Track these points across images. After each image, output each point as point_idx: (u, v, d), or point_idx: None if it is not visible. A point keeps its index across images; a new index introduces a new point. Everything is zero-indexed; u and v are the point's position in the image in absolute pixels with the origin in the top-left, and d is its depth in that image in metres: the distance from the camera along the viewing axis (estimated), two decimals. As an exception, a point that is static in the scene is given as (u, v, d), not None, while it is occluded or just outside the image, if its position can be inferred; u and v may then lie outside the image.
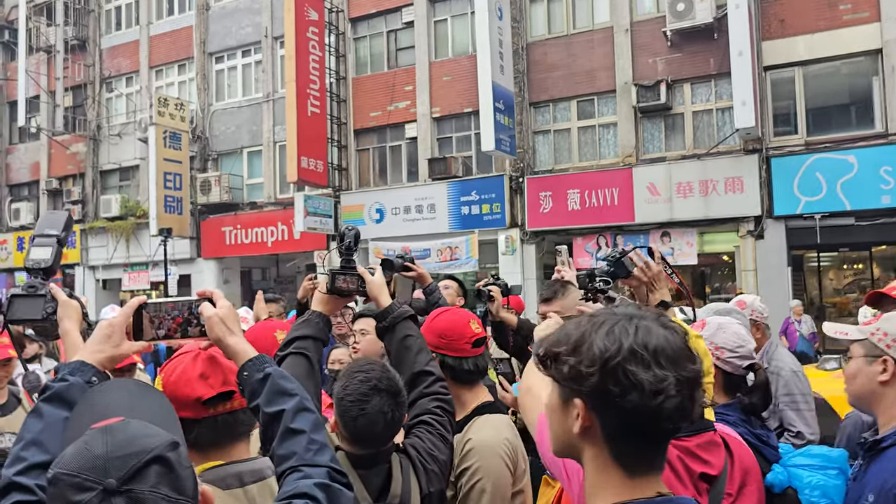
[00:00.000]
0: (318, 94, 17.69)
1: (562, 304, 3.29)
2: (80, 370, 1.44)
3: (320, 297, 2.14)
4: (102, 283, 22.73)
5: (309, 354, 1.98)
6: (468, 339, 2.44)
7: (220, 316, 1.54)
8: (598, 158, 16.09)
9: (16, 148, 24.88)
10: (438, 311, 2.58)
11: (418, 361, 2.14)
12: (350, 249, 2.18)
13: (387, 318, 2.18)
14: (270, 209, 19.49)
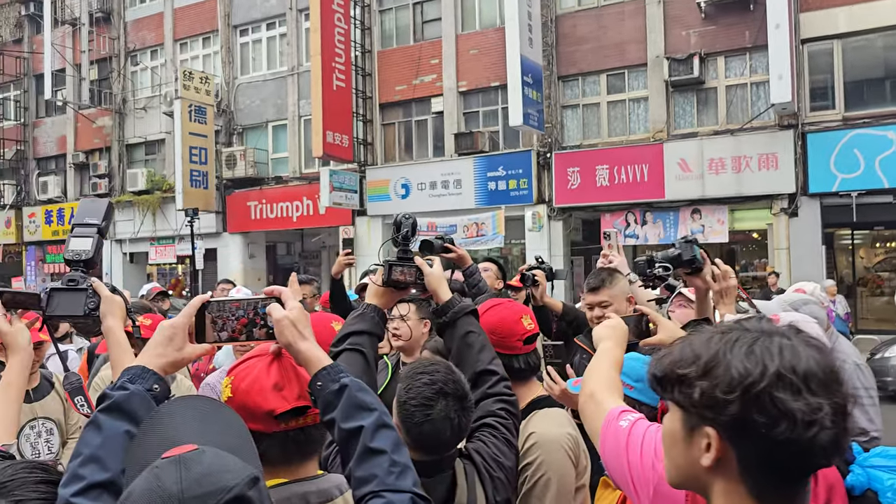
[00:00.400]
0: (344, 68, 17.51)
1: (609, 294, 3.18)
2: (141, 377, 1.33)
3: (375, 289, 2.05)
4: (129, 257, 22.91)
5: (365, 351, 1.89)
6: (520, 337, 2.34)
7: (291, 318, 1.42)
8: (627, 134, 15.81)
9: (43, 122, 25.01)
10: (489, 305, 2.43)
11: (481, 359, 2.03)
12: (407, 239, 2.09)
13: (447, 314, 2.07)
14: (295, 184, 19.44)
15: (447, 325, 2.08)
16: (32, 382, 3.37)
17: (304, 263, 22.43)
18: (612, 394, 1.59)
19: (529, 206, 16.20)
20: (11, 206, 24.80)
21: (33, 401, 3.33)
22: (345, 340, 1.91)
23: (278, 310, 1.44)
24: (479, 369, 2.02)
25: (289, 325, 1.42)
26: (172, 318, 1.49)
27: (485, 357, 2.04)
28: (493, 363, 2.06)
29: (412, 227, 2.10)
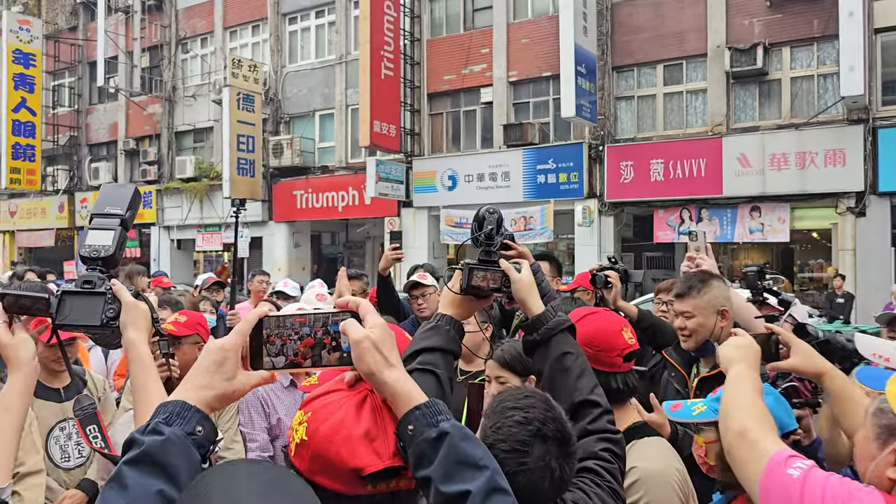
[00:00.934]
0: (392, 57, 17.26)
1: (694, 304, 2.74)
2: (181, 416, 1.03)
3: (451, 297, 1.70)
4: (177, 244, 23.11)
5: (438, 373, 1.55)
6: (620, 352, 2.01)
7: (374, 340, 1.11)
8: (684, 127, 15.22)
9: (95, 108, 25.36)
10: (582, 314, 2.10)
11: (580, 388, 1.67)
12: (491, 238, 1.73)
13: (539, 330, 1.71)
14: (341, 173, 19.30)
15: (538, 344, 1.73)
16: (63, 381, 3.16)
17: (349, 254, 22.33)
18: (769, 432, 1.32)
19: (580, 200, 15.74)
20: (65, 191, 25.24)
21: (63, 400, 3.11)
22: (414, 359, 1.57)
23: (356, 328, 1.11)
24: (577, 399, 1.66)
25: (370, 348, 1.10)
26: (223, 327, 1.19)
27: (585, 385, 1.68)
28: (596, 392, 1.70)
29: (497, 224, 1.75)
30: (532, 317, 1.73)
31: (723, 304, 2.72)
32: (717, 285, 2.75)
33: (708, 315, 2.71)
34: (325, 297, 4.03)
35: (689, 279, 2.85)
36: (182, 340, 3.06)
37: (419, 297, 4.27)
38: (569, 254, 17.15)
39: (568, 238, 16.85)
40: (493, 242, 1.74)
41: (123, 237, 1.46)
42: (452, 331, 1.65)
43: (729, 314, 2.71)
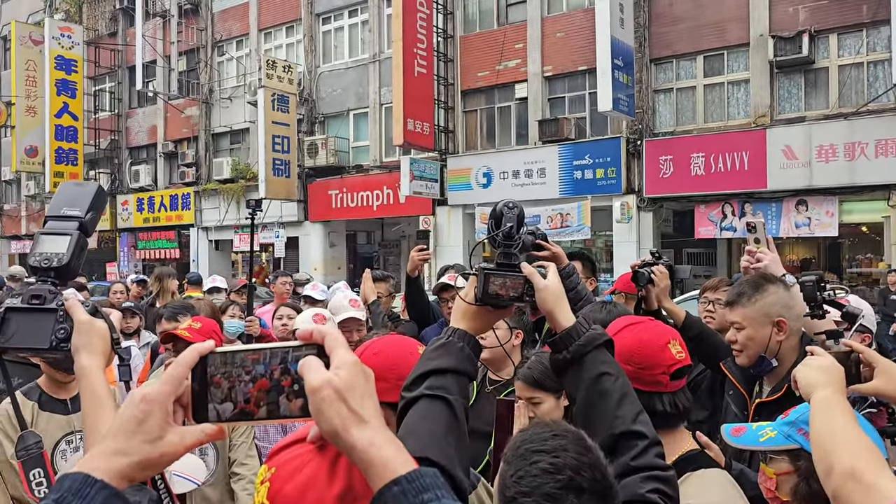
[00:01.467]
0: (425, 54, 17.10)
1: (743, 314, 2.38)
2: (79, 495, 0.78)
3: (465, 308, 1.45)
4: (215, 244, 23.32)
5: (450, 399, 1.31)
6: (666, 368, 1.74)
7: (337, 387, 0.84)
8: (725, 119, 14.76)
9: (135, 112, 25.73)
10: (623, 324, 1.84)
11: (621, 416, 1.39)
12: (511, 237, 1.48)
13: (569, 347, 1.43)
14: (376, 172, 19.22)
15: (569, 363, 1.44)
16: (70, 391, 3.03)
17: (384, 253, 22.26)
18: (884, 472, 1.12)
19: (617, 196, 15.38)
20: (107, 193, 25.63)
21: (70, 412, 2.98)
22: (422, 382, 1.34)
23: (315, 371, 0.84)
24: (619, 430, 1.38)
25: (333, 398, 0.83)
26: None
27: (627, 411, 1.39)
28: (640, 421, 1.41)
29: (518, 221, 1.50)
30: (560, 331, 1.45)
31: (779, 314, 2.35)
32: (773, 291, 2.37)
33: (760, 327, 2.35)
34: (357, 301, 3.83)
35: (740, 284, 2.49)
36: None
37: (449, 301, 4.06)
38: (607, 251, 16.80)
39: (606, 235, 16.50)
40: (514, 242, 1.48)
41: (82, 243, 1.27)
42: (467, 348, 1.40)
43: (788, 325, 2.34)
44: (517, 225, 1.49)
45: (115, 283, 7.06)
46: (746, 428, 1.72)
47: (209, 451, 3.00)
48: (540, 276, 1.47)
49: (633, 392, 1.43)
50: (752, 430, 1.70)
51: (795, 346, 2.38)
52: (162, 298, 6.21)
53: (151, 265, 22.86)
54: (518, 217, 1.50)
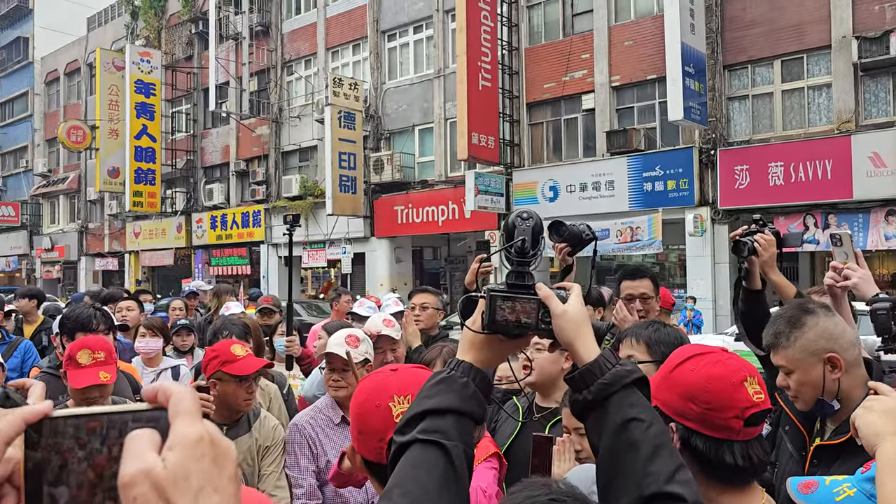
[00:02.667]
0: (490, 67, 16.93)
1: (788, 357, 1.99)
2: None
3: (471, 337, 1.22)
4: (284, 261, 23.65)
5: (447, 445, 1.10)
6: (741, 412, 1.43)
7: (159, 481, 0.56)
8: (806, 126, 14.01)
9: (209, 132, 26.49)
10: (688, 353, 1.52)
11: (654, 473, 1.09)
12: (525, 253, 1.23)
13: (591, 385, 1.15)
14: (441, 187, 19.12)
15: (592, 406, 1.16)
16: (100, 413, 2.92)
17: (450, 268, 22.10)
18: None
19: (690, 208, 14.78)
20: (182, 212, 26.46)
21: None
22: (416, 424, 1.13)
23: (133, 456, 0.58)
24: (649, 491, 1.09)
25: (148, 498, 0.56)
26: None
27: (661, 468, 1.10)
28: (678, 480, 1.10)
29: (533, 235, 1.25)
30: (581, 365, 1.18)
31: (827, 349, 1.96)
32: (812, 324, 1.98)
33: (809, 368, 1.98)
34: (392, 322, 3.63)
35: (774, 322, 2.07)
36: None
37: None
38: (680, 265, 16.18)
39: (678, 249, 15.89)
40: (528, 259, 1.24)
41: None
42: (472, 384, 1.16)
43: (841, 360, 1.96)
44: (532, 239, 1.24)
45: (174, 300, 7.06)
46: (818, 483, 1.40)
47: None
48: (558, 300, 1.21)
49: (670, 444, 1.14)
50: (825, 486, 1.38)
51: (861, 379, 1.99)
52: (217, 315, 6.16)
53: (225, 281, 23.38)
54: (533, 230, 1.25)
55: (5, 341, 5.15)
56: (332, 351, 2.84)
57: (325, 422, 2.84)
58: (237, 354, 2.73)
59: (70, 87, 33.65)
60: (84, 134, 27.82)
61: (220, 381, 2.69)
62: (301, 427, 2.80)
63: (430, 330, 4.66)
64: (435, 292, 4.73)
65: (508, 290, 1.21)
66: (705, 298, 14.61)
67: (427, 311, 4.62)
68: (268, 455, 2.86)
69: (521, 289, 1.21)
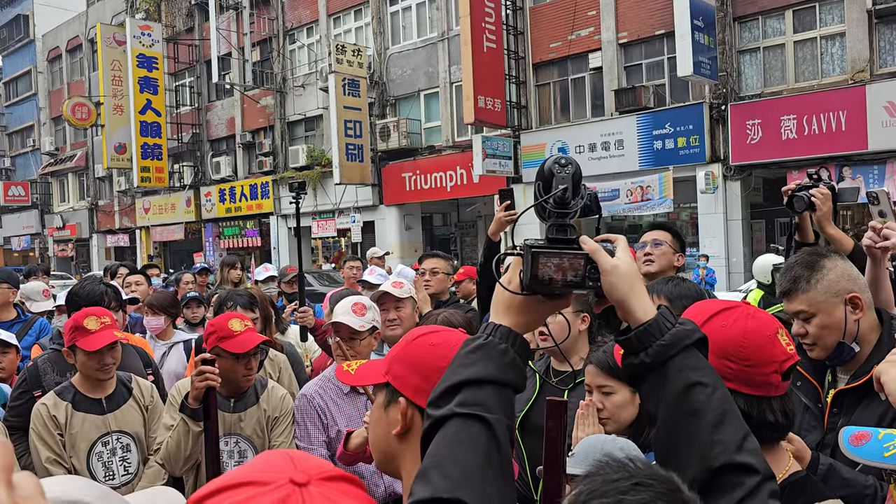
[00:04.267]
0: (494, 28, 16.62)
1: (809, 300, 1.96)
2: None
3: (507, 298, 1.11)
4: (294, 231, 23.60)
5: (489, 419, 1.00)
6: (778, 365, 1.36)
7: None
8: (819, 77, 13.71)
9: (214, 105, 26.31)
10: (714, 309, 1.42)
11: (722, 442, 1.01)
12: (565, 203, 1.11)
13: (648, 347, 1.06)
14: (448, 153, 18.94)
15: (649, 369, 1.06)
16: (107, 389, 2.88)
17: (461, 234, 22.02)
18: None
19: (701, 165, 14.58)
20: (190, 186, 26.43)
21: (106, 412, 2.84)
22: (453, 396, 1.03)
23: None
24: (718, 462, 1.00)
25: None
26: None
27: (729, 436, 1.01)
28: (747, 449, 1.02)
29: (574, 182, 1.12)
30: (636, 326, 1.08)
31: (849, 289, 1.95)
32: (831, 266, 1.98)
33: (831, 309, 1.96)
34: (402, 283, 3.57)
35: (790, 269, 2.05)
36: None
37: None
38: (692, 224, 16.01)
39: (690, 207, 15.72)
40: (569, 211, 1.12)
41: None
42: (511, 351, 1.07)
43: (863, 299, 1.95)
44: (574, 188, 1.12)
45: (184, 274, 7.02)
46: (870, 435, 1.33)
47: (248, 453, 2.81)
48: (607, 254, 1.10)
49: (736, 410, 1.05)
50: (877, 440, 1.31)
51: (874, 323, 2.01)
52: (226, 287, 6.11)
53: (237, 254, 23.43)
54: (574, 177, 1.12)
55: (20, 320, 5.13)
56: (338, 320, 2.78)
57: (335, 391, 2.79)
58: (234, 330, 2.68)
59: (73, 63, 33.46)
60: (89, 111, 27.72)
61: (219, 357, 2.64)
62: (310, 397, 2.76)
63: (440, 295, 4.61)
64: (445, 257, 4.67)
65: (550, 246, 1.10)
66: (718, 256, 14.48)
67: (437, 276, 4.56)
68: (277, 426, 2.83)
69: (563, 243, 1.10)
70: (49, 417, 2.71)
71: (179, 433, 2.54)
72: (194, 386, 2.46)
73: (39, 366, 3.25)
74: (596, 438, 1.92)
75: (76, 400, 2.80)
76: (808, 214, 2.59)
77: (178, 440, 2.54)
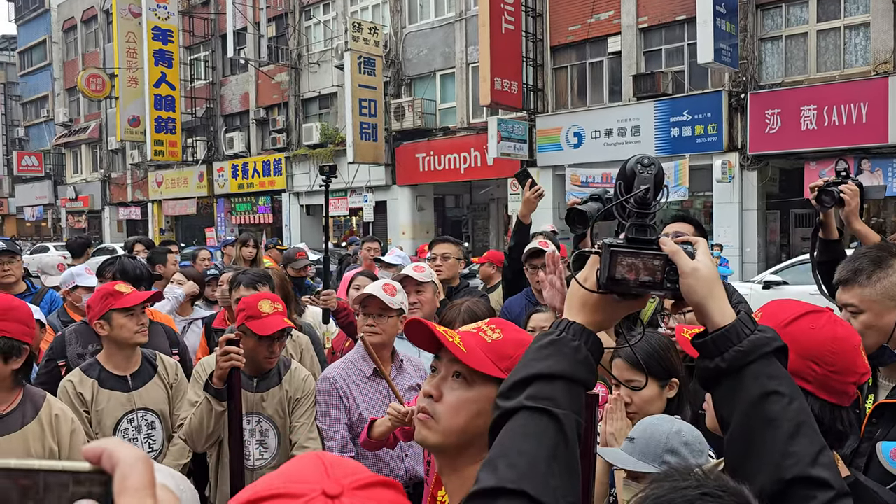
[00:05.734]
0: (513, 9, 16.46)
1: (863, 296, 1.93)
2: None
3: (583, 296, 1.12)
4: (306, 209, 23.65)
5: (559, 414, 1.00)
6: (858, 377, 1.34)
7: None
8: (841, 68, 13.53)
9: (228, 80, 26.24)
10: (798, 311, 1.36)
11: (796, 454, 1.00)
12: (647, 204, 1.12)
13: (726, 352, 1.05)
14: (463, 134, 18.86)
15: (723, 375, 1.06)
16: (131, 366, 2.90)
17: (472, 216, 21.98)
18: None
19: (718, 154, 14.46)
20: (203, 161, 26.44)
21: (132, 389, 2.86)
22: (523, 389, 1.04)
23: None
24: (791, 474, 0.99)
25: None
26: None
27: (804, 448, 1.00)
28: (822, 463, 1.00)
29: (656, 183, 1.13)
30: (714, 330, 1.07)
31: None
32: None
33: (883, 311, 1.91)
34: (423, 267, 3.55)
35: (856, 259, 2.01)
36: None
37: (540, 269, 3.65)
38: (706, 212, 15.92)
39: (705, 196, 15.63)
40: (650, 212, 1.12)
41: None
42: (584, 348, 1.07)
43: None
44: (655, 189, 1.12)
45: (201, 251, 7.02)
46: None
47: (269, 433, 2.82)
48: (686, 256, 1.10)
49: (813, 423, 1.04)
50: None
51: None
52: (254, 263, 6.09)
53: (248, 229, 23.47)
54: (657, 178, 1.13)
55: (31, 292, 5.16)
56: (370, 292, 2.78)
57: (357, 374, 2.80)
58: (262, 311, 2.69)
59: (87, 34, 33.39)
60: (103, 82, 27.69)
61: (245, 335, 2.66)
62: (332, 380, 2.76)
63: (451, 280, 4.60)
64: (456, 242, 4.66)
65: (630, 246, 1.10)
66: (732, 246, 14.40)
67: (448, 262, 4.55)
68: (299, 406, 2.84)
69: (643, 244, 1.11)
70: (75, 395, 2.74)
71: (202, 411, 2.55)
72: (219, 366, 2.47)
73: (66, 336, 3.31)
74: (658, 427, 1.86)
75: (102, 377, 2.82)
76: (832, 211, 2.61)
77: (202, 418, 2.56)
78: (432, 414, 1.28)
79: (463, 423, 1.27)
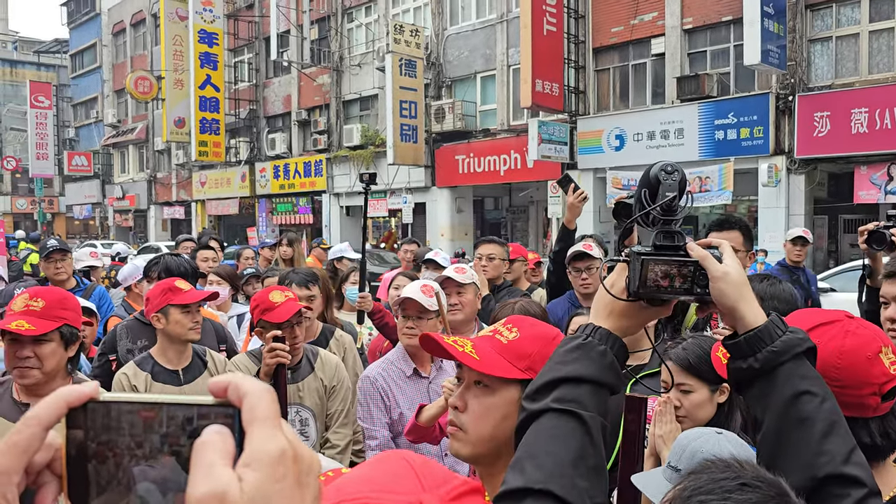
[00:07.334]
0: (555, 11, 16.37)
1: None
2: None
3: (611, 303, 1.13)
4: (346, 210, 23.83)
5: (585, 416, 1.02)
6: (877, 387, 1.28)
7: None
8: (894, 69, 13.16)
9: (271, 82, 26.60)
10: (814, 321, 1.34)
11: (828, 452, 1.02)
12: (672, 211, 1.13)
13: (758, 353, 1.08)
14: (503, 136, 18.80)
15: (756, 376, 1.08)
16: (183, 361, 2.95)
17: (512, 219, 21.91)
18: None
19: (764, 157, 14.16)
20: (246, 161, 26.85)
21: (183, 383, 2.91)
22: (550, 392, 1.05)
23: (204, 472, 0.46)
24: (824, 472, 1.02)
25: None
26: None
27: (837, 447, 1.03)
28: (854, 462, 1.03)
29: (681, 188, 1.14)
30: (745, 332, 1.09)
31: None
32: None
33: None
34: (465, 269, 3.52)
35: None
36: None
37: (584, 271, 3.61)
38: (750, 217, 15.60)
39: (750, 200, 15.32)
40: (676, 217, 1.13)
41: None
42: (610, 353, 1.08)
43: None
44: (679, 190, 1.14)
45: (245, 250, 7.13)
46: None
47: (309, 422, 2.86)
48: (716, 261, 1.11)
49: (844, 423, 1.05)
50: None
51: None
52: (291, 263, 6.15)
53: (288, 230, 23.75)
54: (681, 184, 1.14)
55: (80, 288, 5.28)
56: (409, 296, 2.78)
57: (398, 374, 2.80)
58: (275, 301, 2.74)
59: (136, 37, 34.19)
60: (151, 84, 28.31)
61: (264, 329, 2.70)
62: (373, 379, 2.77)
63: (496, 280, 4.61)
64: (500, 243, 4.67)
65: (658, 253, 1.11)
66: (778, 252, 14.07)
67: (493, 262, 4.56)
68: (335, 395, 2.91)
69: (671, 250, 1.12)
70: (129, 387, 2.80)
71: None
72: (265, 362, 2.50)
73: (118, 332, 3.42)
74: (702, 440, 1.77)
75: (155, 371, 2.88)
76: (880, 255, 2.56)
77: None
78: (460, 426, 1.29)
79: (490, 429, 1.27)
